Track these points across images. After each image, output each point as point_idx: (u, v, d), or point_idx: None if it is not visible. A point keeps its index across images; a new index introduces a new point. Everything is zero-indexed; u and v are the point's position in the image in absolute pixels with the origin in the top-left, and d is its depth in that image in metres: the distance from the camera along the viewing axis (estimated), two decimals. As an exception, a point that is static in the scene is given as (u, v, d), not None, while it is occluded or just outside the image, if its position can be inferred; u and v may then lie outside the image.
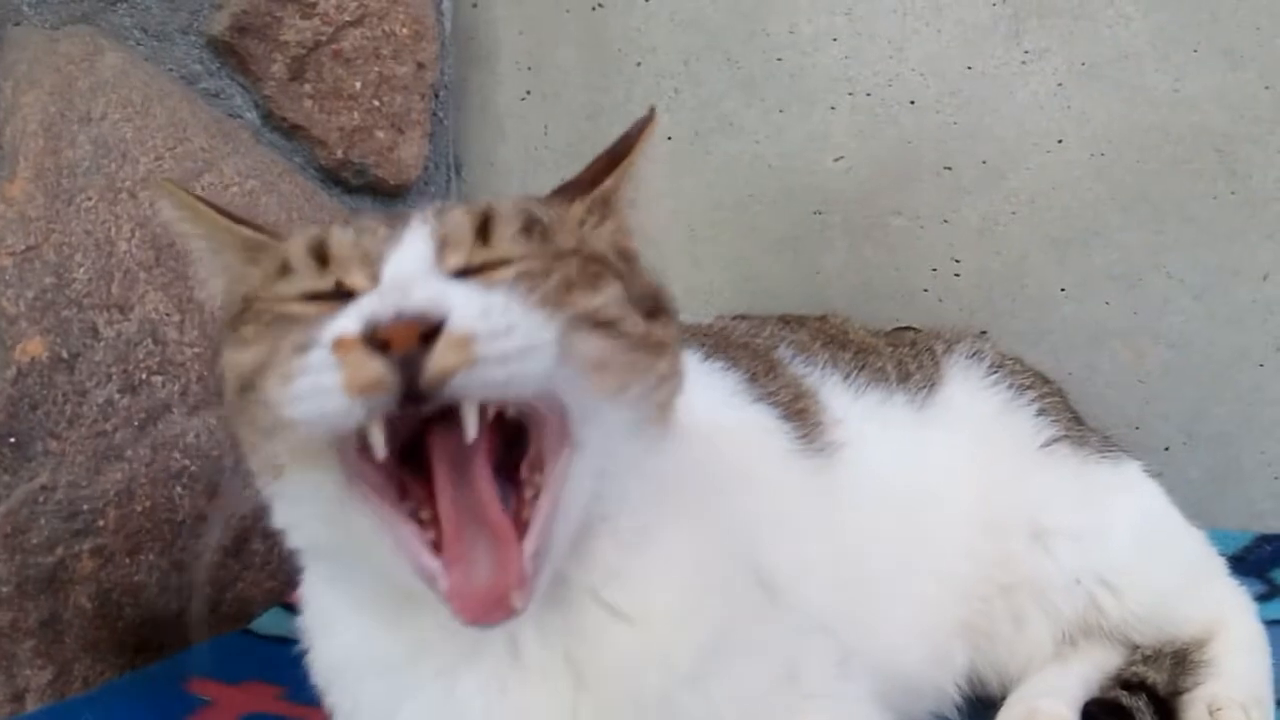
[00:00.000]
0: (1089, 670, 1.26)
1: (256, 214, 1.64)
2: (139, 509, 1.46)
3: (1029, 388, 1.38)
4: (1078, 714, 1.17)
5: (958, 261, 1.91)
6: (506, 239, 0.80)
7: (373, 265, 0.77)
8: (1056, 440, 1.34)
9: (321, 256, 0.79)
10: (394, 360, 0.68)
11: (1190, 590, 1.32)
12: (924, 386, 1.35)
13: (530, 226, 0.81)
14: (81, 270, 1.42)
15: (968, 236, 1.90)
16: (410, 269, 0.76)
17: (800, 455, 1.16)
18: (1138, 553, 1.29)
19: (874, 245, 1.95)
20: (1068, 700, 1.19)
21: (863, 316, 1.62)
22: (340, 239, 0.79)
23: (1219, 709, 1.16)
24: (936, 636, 1.23)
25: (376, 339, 0.68)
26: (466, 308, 0.71)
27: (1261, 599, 1.48)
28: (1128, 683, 1.22)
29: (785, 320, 1.43)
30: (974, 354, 1.41)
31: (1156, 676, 1.23)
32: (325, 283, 0.78)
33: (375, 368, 0.68)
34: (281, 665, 1.35)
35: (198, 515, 1.54)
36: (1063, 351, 1.88)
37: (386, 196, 1.98)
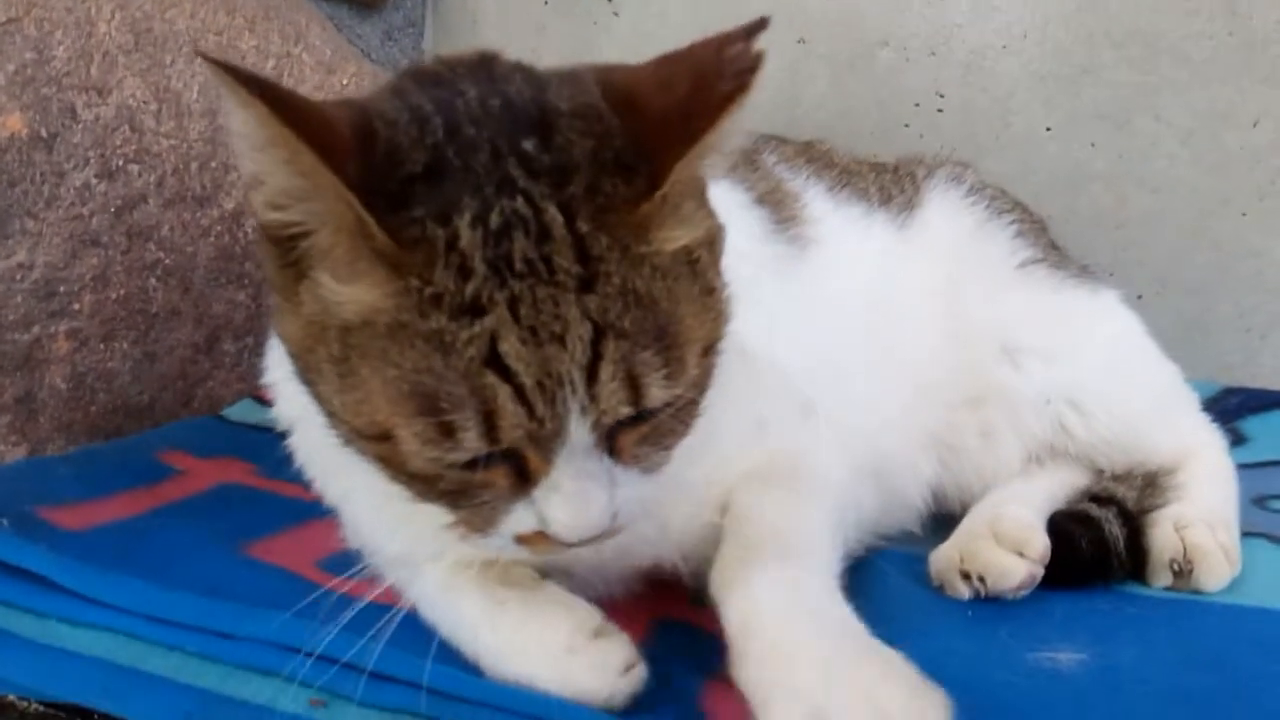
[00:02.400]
0: (1056, 488, 1.27)
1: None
2: (114, 296, 1.44)
3: (1008, 211, 1.38)
4: (1044, 523, 1.17)
5: (942, 96, 1.89)
6: (653, 398, 0.78)
7: (546, 448, 0.76)
8: (1034, 262, 1.34)
9: (492, 426, 0.73)
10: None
11: (1160, 419, 1.33)
12: (905, 209, 1.35)
13: (672, 370, 0.78)
14: (61, 49, 1.37)
15: (954, 71, 1.88)
16: (584, 472, 0.78)
17: (772, 238, 1.17)
18: (1108, 376, 1.30)
19: (857, 77, 1.93)
20: (1034, 508, 1.20)
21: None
22: (513, 420, 0.73)
23: (1185, 526, 1.16)
24: (904, 437, 1.25)
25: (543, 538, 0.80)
26: (625, 509, 0.80)
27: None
28: (1097, 497, 1.23)
29: (770, 137, 1.41)
30: (954, 178, 1.40)
31: (1126, 493, 1.25)
32: (495, 448, 0.75)
33: (555, 548, 0.81)
34: (254, 447, 1.37)
35: (171, 310, 1.53)
36: (1044, 193, 1.85)
37: (364, 7, 1.93)
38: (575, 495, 0.77)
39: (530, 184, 0.73)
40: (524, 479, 0.77)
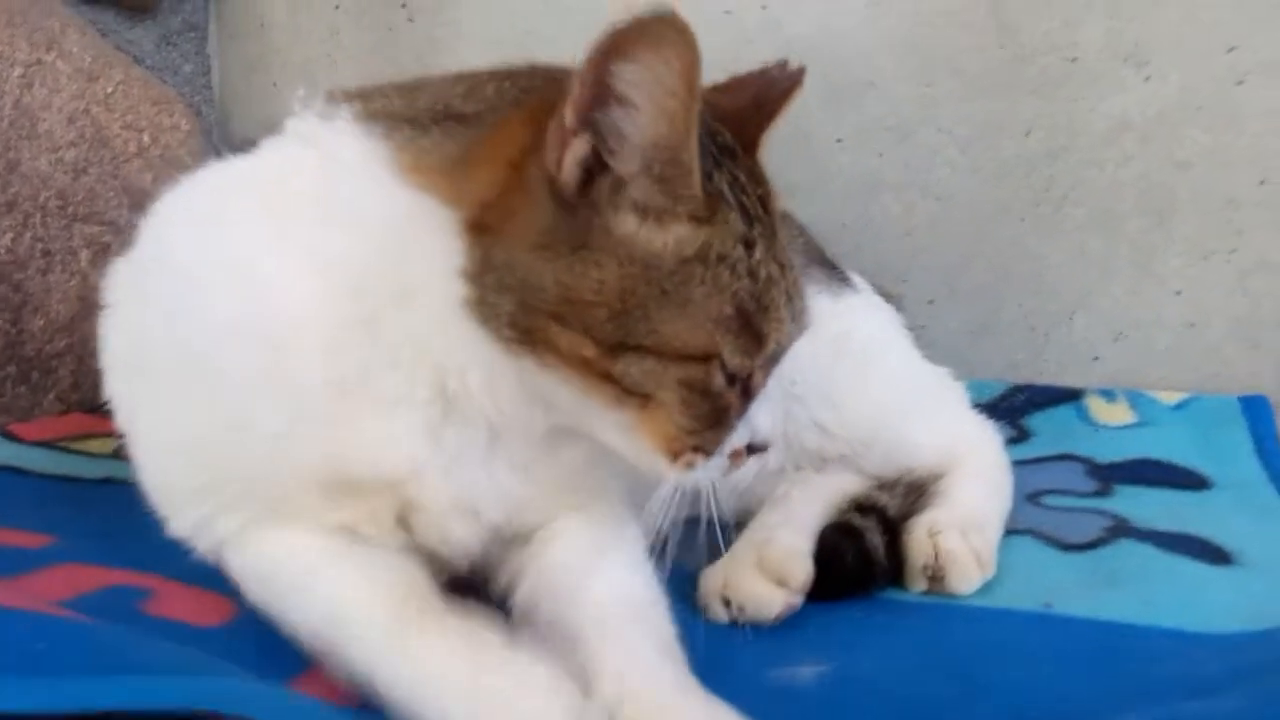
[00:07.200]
0: (833, 496, 1.26)
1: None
2: None
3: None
4: (815, 539, 1.17)
5: (738, 110, 1.90)
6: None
7: (764, 372, 0.94)
8: None
9: (780, 329, 0.92)
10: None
11: (920, 418, 1.34)
12: None
13: None
14: None
15: (747, 84, 1.89)
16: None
17: None
18: (856, 369, 1.31)
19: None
20: (805, 529, 1.19)
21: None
22: (786, 325, 0.93)
23: (938, 532, 1.17)
24: None
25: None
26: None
27: (1011, 442, 1.54)
28: (861, 506, 1.23)
29: None
30: None
31: (890, 501, 1.25)
32: (779, 350, 0.94)
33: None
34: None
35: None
36: (839, 202, 1.90)
37: (134, 11, 1.86)
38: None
39: (724, 160, 0.91)
40: (746, 394, 0.92)
